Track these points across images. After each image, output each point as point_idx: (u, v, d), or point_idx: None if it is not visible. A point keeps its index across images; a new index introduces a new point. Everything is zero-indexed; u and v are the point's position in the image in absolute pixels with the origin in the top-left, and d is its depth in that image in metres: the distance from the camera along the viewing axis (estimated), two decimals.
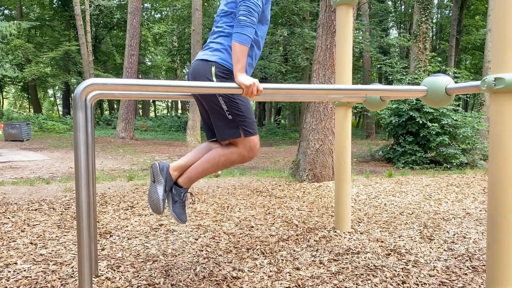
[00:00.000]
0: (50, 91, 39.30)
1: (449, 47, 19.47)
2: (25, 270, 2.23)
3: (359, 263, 2.38)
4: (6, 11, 25.63)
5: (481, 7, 23.75)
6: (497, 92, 1.71)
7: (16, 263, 2.33)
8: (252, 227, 3.19)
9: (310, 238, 2.89)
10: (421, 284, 2.06)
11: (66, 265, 2.33)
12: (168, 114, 37.71)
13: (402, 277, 2.16)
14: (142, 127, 21.32)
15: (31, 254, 2.49)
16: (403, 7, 28.63)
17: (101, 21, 24.93)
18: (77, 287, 2.03)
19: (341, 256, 2.49)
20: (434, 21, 28.33)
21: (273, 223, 3.30)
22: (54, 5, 24.71)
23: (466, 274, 2.20)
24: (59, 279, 2.12)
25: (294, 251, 2.61)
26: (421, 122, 7.94)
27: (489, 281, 1.80)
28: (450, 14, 22.58)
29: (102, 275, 2.18)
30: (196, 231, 3.04)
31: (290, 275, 2.21)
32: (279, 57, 20.04)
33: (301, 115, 21.33)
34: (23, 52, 20.02)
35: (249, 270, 2.28)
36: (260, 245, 2.72)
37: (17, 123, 13.68)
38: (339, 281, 2.12)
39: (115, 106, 27.52)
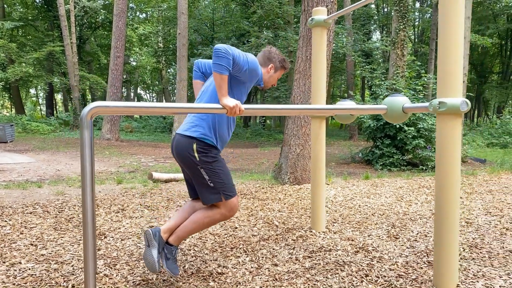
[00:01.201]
0: (32, 91, 38.82)
1: (429, 51, 20.10)
2: (29, 269, 2.46)
3: (330, 259, 2.69)
4: None
5: None
6: (441, 113, 2.03)
7: (20, 263, 2.56)
8: (236, 228, 3.47)
9: (288, 237, 3.19)
10: (381, 277, 2.37)
11: (66, 264, 2.57)
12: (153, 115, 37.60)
13: (366, 271, 2.47)
14: (127, 128, 21.36)
15: (33, 255, 2.72)
16: (385, 9, 29.29)
17: (86, 21, 24.84)
18: (78, 283, 2.28)
19: (314, 254, 2.80)
20: (416, 23, 29.09)
21: (255, 224, 3.58)
22: (38, 5, 24.51)
23: (421, 268, 2.53)
24: (61, 276, 2.37)
25: (274, 249, 2.90)
26: (398, 126, 8.33)
27: (436, 273, 2.13)
28: (431, 18, 23.25)
29: (101, 272, 2.43)
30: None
31: (269, 270, 2.50)
32: None
33: (286, 116, 21.68)
34: (6, 52, 19.86)
35: (232, 267, 2.56)
36: (243, 245, 3.00)
37: (1, 125, 13.64)
38: (311, 275, 2.42)
39: None
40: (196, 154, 2.21)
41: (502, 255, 2.77)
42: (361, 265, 2.57)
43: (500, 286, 2.21)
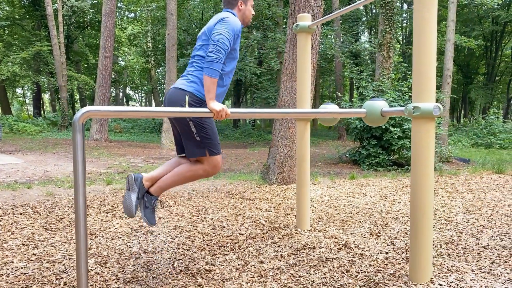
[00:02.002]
0: (19, 90, 38.34)
1: None
2: (22, 268, 2.53)
3: (313, 256, 2.80)
4: None
5: (445, 14, 25.00)
6: (416, 117, 2.16)
7: (12, 262, 2.62)
8: (224, 227, 3.56)
9: (274, 236, 3.30)
10: (361, 272, 2.50)
11: (58, 262, 2.64)
12: None
13: (347, 267, 2.59)
14: (116, 129, 21.27)
15: (25, 254, 2.78)
16: (374, 11, 29.62)
17: (74, 21, 24.65)
18: (70, 281, 2.36)
19: (299, 251, 2.91)
20: (404, 25, 29.48)
21: (243, 223, 3.68)
22: (25, 4, 24.25)
23: (400, 263, 2.66)
24: (54, 274, 2.44)
25: (260, 247, 3.01)
26: (384, 126, 8.51)
27: (412, 267, 2.25)
28: None
29: (92, 271, 2.51)
30: (173, 232, 3.39)
31: (255, 267, 2.61)
32: (253, 60, 20.49)
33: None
34: None
35: (220, 264, 2.66)
36: (230, 243, 3.10)
37: None
38: (295, 271, 2.53)
39: None
40: (187, 106, 2.30)
41: (477, 251, 2.91)
42: (343, 262, 2.69)
43: (471, 280, 2.35)
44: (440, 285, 2.28)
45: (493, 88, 26.87)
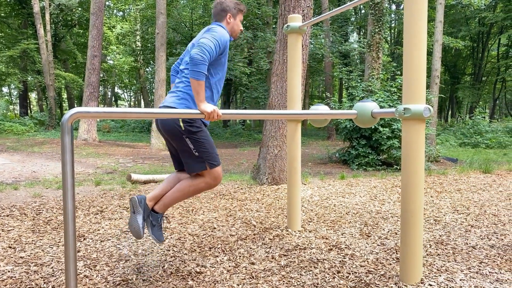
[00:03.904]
0: (5, 89, 37.73)
1: None
2: (8, 271, 2.48)
3: (304, 257, 2.80)
4: None
5: (433, 15, 25.29)
6: (406, 119, 2.17)
7: None
8: (215, 228, 3.55)
9: (265, 237, 3.29)
10: (352, 273, 2.51)
11: (46, 266, 2.60)
12: None
13: (338, 268, 2.60)
14: (104, 128, 21.06)
15: (12, 257, 2.73)
16: (363, 11, 29.80)
17: (61, 19, 24.33)
18: (59, 285, 2.32)
19: (290, 252, 2.91)
20: (392, 25, 29.74)
21: (234, 224, 3.67)
22: (10, 2, 23.84)
23: (390, 264, 2.67)
24: (41, 278, 2.40)
25: (251, 248, 3.00)
26: (373, 126, 8.57)
27: (402, 268, 2.27)
28: None
29: (81, 274, 2.47)
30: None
31: (246, 269, 2.60)
32: (243, 60, 20.47)
33: None
34: None
35: (211, 266, 2.65)
36: (221, 244, 3.09)
37: None
38: (286, 272, 2.53)
39: (76, 106, 26.90)
40: (181, 124, 2.31)
41: (465, 250, 2.94)
42: (334, 262, 2.70)
43: (460, 280, 2.37)
44: (430, 285, 2.30)
45: (479, 88, 27.26)
